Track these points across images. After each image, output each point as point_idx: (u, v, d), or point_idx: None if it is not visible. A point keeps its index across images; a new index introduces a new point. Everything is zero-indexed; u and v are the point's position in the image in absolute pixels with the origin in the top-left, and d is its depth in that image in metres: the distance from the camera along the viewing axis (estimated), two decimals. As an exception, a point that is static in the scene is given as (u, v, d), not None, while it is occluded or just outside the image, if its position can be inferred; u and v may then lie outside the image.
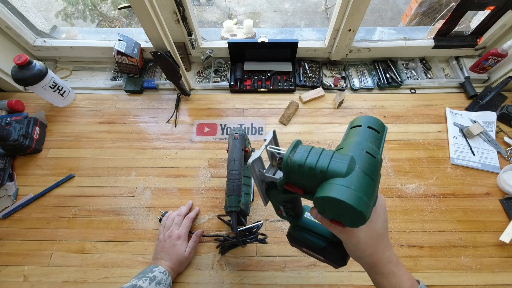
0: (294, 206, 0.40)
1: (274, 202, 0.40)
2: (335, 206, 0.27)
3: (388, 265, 0.34)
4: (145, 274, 0.54)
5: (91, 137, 0.81)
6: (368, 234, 0.33)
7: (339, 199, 0.26)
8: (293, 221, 0.43)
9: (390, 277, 0.34)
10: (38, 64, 0.75)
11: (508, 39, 0.80)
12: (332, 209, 0.29)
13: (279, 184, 0.33)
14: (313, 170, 0.29)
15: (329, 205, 0.28)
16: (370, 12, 2.98)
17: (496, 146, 0.77)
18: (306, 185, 0.31)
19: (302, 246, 0.43)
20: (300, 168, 0.29)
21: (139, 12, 0.60)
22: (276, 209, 0.42)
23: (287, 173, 0.31)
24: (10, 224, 0.69)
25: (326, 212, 0.30)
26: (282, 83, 0.90)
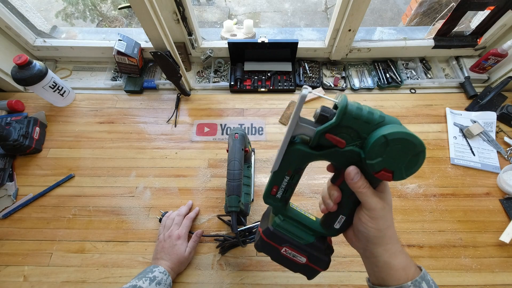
0: (297, 181, 0.36)
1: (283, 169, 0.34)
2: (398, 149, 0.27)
3: (397, 240, 0.34)
4: (145, 274, 0.54)
5: (91, 137, 0.81)
6: (384, 206, 0.32)
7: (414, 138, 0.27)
8: (281, 208, 0.38)
9: (399, 255, 0.33)
10: (38, 64, 0.75)
11: (508, 39, 0.80)
12: (391, 153, 0.28)
13: (318, 133, 0.30)
14: (372, 114, 0.29)
15: (391, 148, 0.27)
16: (370, 12, 2.98)
17: (496, 146, 0.77)
18: (354, 133, 0.29)
19: (284, 245, 0.37)
20: (358, 111, 0.28)
21: (139, 12, 0.60)
22: (272, 185, 0.36)
23: (342, 114, 0.28)
24: (10, 224, 0.69)
25: (382, 159, 0.28)
26: (282, 83, 0.90)
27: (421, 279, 0.32)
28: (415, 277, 0.32)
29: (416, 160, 0.29)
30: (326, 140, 0.30)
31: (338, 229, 0.37)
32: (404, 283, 0.32)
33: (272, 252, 0.39)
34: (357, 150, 0.30)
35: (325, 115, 0.30)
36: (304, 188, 0.72)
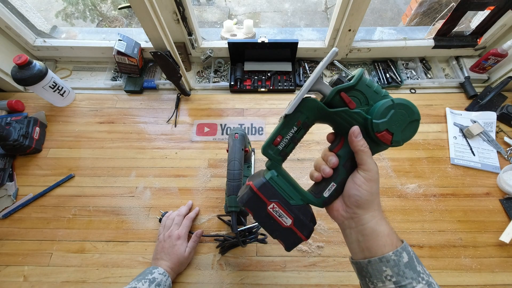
0: (301, 136, 0.38)
1: (295, 117, 0.36)
2: (401, 113, 0.33)
3: (381, 209, 0.36)
4: (145, 276, 0.54)
5: (91, 137, 0.81)
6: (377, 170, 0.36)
7: (414, 106, 0.33)
8: (278, 162, 0.38)
9: (384, 222, 0.35)
10: (38, 64, 0.75)
11: (508, 39, 0.80)
12: (394, 116, 0.33)
13: (335, 90, 0.34)
14: (380, 87, 0.34)
15: (395, 111, 0.33)
16: (370, 12, 2.98)
17: (496, 146, 0.77)
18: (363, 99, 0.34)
19: (273, 200, 0.36)
20: (371, 81, 0.34)
21: (139, 12, 0.60)
22: (277, 134, 0.37)
23: (359, 79, 0.33)
24: (10, 224, 0.69)
25: (386, 119, 0.33)
26: (282, 83, 0.90)
27: (402, 249, 0.33)
28: (397, 247, 0.33)
29: (412, 127, 0.33)
30: (339, 99, 0.34)
31: (327, 198, 0.37)
32: (388, 251, 0.33)
33: (258, 208, 0.37)
34: (364, 114, 0.34)
35: (341, 80, 0.35)
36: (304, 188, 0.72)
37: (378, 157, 0.76)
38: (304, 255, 0.64)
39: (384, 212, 0.69)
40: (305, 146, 0.79)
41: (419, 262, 0.33)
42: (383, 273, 0.33)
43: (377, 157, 0.76)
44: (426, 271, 0.33)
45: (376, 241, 0.34)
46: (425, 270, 0.33)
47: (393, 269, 0.32)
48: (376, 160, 0.74)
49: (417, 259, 0.34)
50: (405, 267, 0.32)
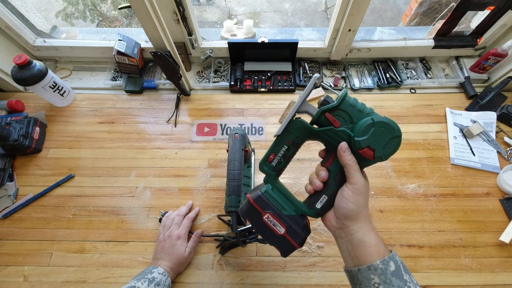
0: (292, 154, 0.41)
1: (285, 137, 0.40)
2: (381, 131, 0.35)
3: (370, 220, 0.38)
4: (144, 275, 0.54)
5: (91, 137, 0.81)
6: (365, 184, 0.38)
7: (394, 123, 0.35)
8: (273, 177, 0.42)
9: (372, 233, 0.37)
10: (38, 64, 0.75)
11: (508, 39, 0.80)
12: (375, 133, 0.35)
13: (320, 111, 0.37)
14: (364, 106, 0.37)
15: (375, 129, 0.35)
16: (370, 12, 2.98)
17: (496, 146, 0.77)
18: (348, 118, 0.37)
19: (267, 211, 0.40)
20: (354, 100, 0.36)
21: (139, 12, 0.60)
22: (270, 152, 0.41)
23: (342, 99, 0.36)
24: (10, 224, 0.69)
25: (367, 137, 0.35)
26: (282, 83, 0.90)
27: (389, 258, 0.34)
28: (385, 256, 0.35)
29: (393, 143, 0.36)
30: (325, 119, 0.37)
31: (319, 209, 0.40)
32: (375, 260, 0.34)
33: (254, 217, 0.41)
34: (348, 132, 0.36)
35: (327, 101, 0.37)
36: (304, 188, 0.72)
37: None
38: (304, 255, 0.64)
39: (384, 212, 0.69)
40: (305, 146, 0.79)
41: (406, 271, 0.35)
42: (371, 281, 0.34)
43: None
44: (413, 280, 0.34)
45: (363, 250, 0.36)
46: (412, 280, 0.34)
47: (381, 277, 0.34)
48: (376, 160, 0.73)
49: (405, 268, 0.35)
50: (392, 275, 0.33)
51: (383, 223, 0.68)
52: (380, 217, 0.68)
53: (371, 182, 0.73)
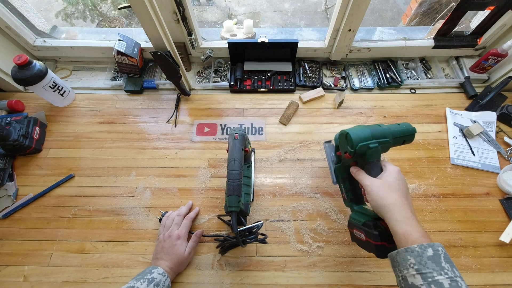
0: (350, 185, 0.57)
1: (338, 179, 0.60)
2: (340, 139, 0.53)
3: (401, 211, 0.42)
4: (144, 275, 0.54)
5: (91, 137, 0.81)
6: (380, 183, 0.46)
7: (347, 131, 0.49)
8: (351, 205, 0.56)
9: (402, 223, 0.41)
10: (38, 64, 0.75)
11: (508, 39, 0.80)
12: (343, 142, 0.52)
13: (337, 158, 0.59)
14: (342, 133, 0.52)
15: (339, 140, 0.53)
16: (370, 12, 2.98)
17: (496, 146, 0.77)
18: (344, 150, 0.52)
19: (352, 228, 0.51)
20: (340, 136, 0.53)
21: (139, 12, 0.60)
22: (342, 192, 0.59)
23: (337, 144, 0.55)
24: (10, 224, 0.69)
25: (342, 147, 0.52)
26: (282, 83, 0.90)
27: (428, 245, 0.38)
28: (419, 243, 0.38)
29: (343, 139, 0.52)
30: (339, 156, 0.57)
31: None
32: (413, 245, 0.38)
33: (352, 236, 0.53)
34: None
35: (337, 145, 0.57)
36: (304, 188, 0.72)
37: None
38: (304, 255, 0.64)
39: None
40: (305, 146, 0.79)
41: (448, 261, 0.37)
42: (407, 261, 0.38)
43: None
44: (455, 271, 0.36)
45: (396, 239, 0.41)
46: (454, 270, 0.36)
47: (416, 259, 0.37)
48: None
49: (447, 259, 0.37)
50: (428, 259, 0.36)
51: (383, 223, 0.68)
52: (380, 217, 0.68)
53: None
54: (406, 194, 0.46)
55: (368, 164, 0.49)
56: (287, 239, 0.66)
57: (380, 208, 0.44)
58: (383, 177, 0.47)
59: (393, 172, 0.47)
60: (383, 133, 0.49)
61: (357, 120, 0.83)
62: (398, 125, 0.52)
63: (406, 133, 0.52)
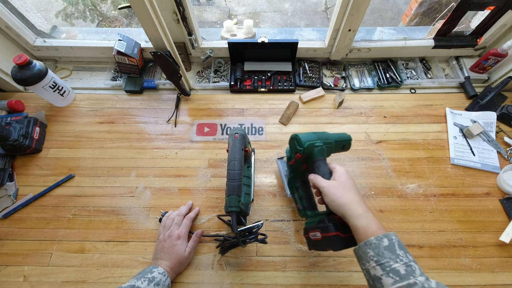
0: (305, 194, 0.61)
1: (292, 190, 0.64)
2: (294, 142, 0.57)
3: (359, 208, 0.45)
4: (144, 274, 0.54)
5: (91, 137, 0.81)
6: (335, 183, 0.49)
7: (296, 134, 0.56)
8: (305, 213, 0.59)
9: (361, 218, 0.44)
10: (38, 64, 0.75)
11: (508, 39, 0.80)
12: (293, 145, 0.57)
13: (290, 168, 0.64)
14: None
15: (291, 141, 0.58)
16: (370, 12, 2.98)
17: (496, 146, 0.77)
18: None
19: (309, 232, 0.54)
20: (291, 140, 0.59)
21: (139, 12, 0.60)
22: (295, 203, 0.63)
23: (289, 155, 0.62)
24: (10, 224, 0.69)
25: (292, 150, 0.57)
26: (282, 83, 0.90)
27: (383, 236, 0.41)
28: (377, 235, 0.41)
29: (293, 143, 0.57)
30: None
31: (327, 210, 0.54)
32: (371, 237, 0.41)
33: (309, 242, 0.55)
34: None
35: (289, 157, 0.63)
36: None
37: (378, 157, 0.76)
38: (304, 255, 0.64)
39: (384, 212, 0.69)
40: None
41: (401, 248, 0.40)
42: (368, 254, 0.40)
43: (377, 157, 0.76)
44: (409, 257, 0.39)
45: (356, 234, 0.44)
46: (407, 256, 0.39)
47: (374, 251, 0.40)
48: (376, 160, 0.74)
49: (401, 246, 0.40)
50: (385, 249, 0.39)
51: (383, 223, 0.67)
52: (380, 217, 0.68)
53: (371, 182, 0.74)
54: (359, 191, 0.49)
55: (316, 162, 0.54)
56: (287, 239, 0.66)
57: (339, 207, 0.46)
58: (335, 178, 0.50)
59: (343, 173, 0.51)
60: (326, 136, 0.58)
61: (357, 120, 0.83)
62: (339, 134, 0.61)
63: (344, 139, 0.60)
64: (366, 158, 0.76)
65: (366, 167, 0.75)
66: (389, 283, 0.37)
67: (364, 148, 0.78)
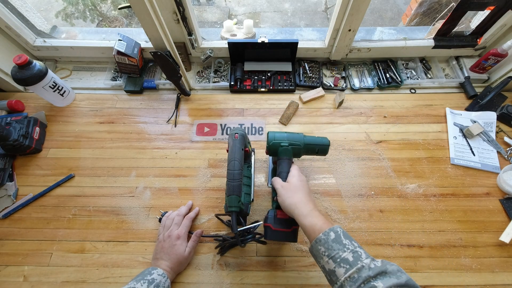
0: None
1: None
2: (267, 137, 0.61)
3: (306, 207, 0.48)
4: (144, 276, 0.54)
5: (91, 137, 0.81)
6: (287, 185, 0.54)
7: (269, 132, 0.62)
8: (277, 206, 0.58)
9: (308, 216, 0.47)
10: (38, 64, 0.75)
11: (508, 39, 0.80)
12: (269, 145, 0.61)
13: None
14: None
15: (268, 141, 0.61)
16: (370, 12, 2.98)
17: (496, 146, 0.77)
18: None
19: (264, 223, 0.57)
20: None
21: (139, 12, 0.60)
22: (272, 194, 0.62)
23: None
24: (10, 224, 0.69)
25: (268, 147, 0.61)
26: (282, 83, 0.90)
27: (329, 230, 0.43)
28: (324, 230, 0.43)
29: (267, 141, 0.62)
30: None
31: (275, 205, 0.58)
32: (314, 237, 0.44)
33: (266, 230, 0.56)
34: None
35: None
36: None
37: (378, 157, 0.76)
38: (304, 255, 0.64)
39: (384, 212, 0.69)
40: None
41: (347, 238, 0.43)
42: (320, 251, 0.43)
43: (377, 157, 0.76)
44: (354, 243, 0.42)
45: (305, 232, 0.47)
46: (353, 243, 0.42)
47: (324, 246, 0.42)
48: (376, 160, 0.74)
49: (346, 236, 0.43)
50: (333, 242, 0.42)
51: (383, 223, 0.68)
52: (380, 217, 0.68)
53: (371, 182, 0.74)
54: (308, 191, 0.53)
55: (279, 159, 0.60)
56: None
57: (288, 207, 0.50)
58: (288, 179, 0.55)
59: (296, 175, 0.55)
60: (297, 139, 0.61)
61: (357, 120, 0.83)
62: (316, 137, 0.63)
63: (319, 143, 0.62)
64: (366, 158, 0.76)
65: (366, 167, 0.75)
66: (342, 273, 0.39)
67: (364, 148, 0.78)
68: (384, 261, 0.39)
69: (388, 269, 0.37)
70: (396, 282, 0.35)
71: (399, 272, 0.38)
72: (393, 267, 0.38)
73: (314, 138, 0.63)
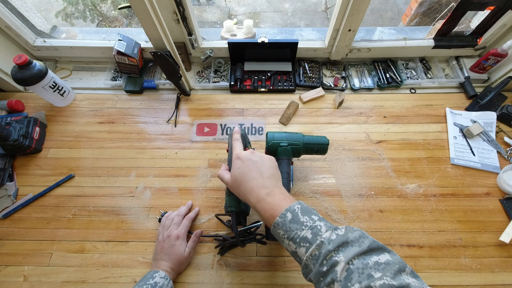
0: None
1: None
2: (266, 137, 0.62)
3: (252, 197, 0.44)
4: (146, 281, 0.53)
5: (91, 137, 0.81)
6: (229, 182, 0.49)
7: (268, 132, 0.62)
8: None
9: (267, 198, 0.43)
10: (38, 64, 0.75)
11: (508, 39, 0.80)
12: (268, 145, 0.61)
13: None
14: None
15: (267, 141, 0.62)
16: (370, 12, 2.98)
17: (496, 146, 0.77)
18: None
19: None
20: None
21: (139, 12, 0.60)
22: None
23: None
24: (10, 224, 0.69)
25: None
26: (282, 83, 0.90)
27: (286, 211, 0.40)
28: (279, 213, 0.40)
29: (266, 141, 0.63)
30: None
31: None
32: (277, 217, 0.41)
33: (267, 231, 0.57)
34: None
35: None
36: (304, 188, 0.72)
37: (378, 157, 0.76)
38: (304, 255, 0.64)
39: (384, 212, 0.69)
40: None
41: (305, 214, 0.40)
42: (280, 235, 0.40)
43: (377, 157, 0.76)
44: (314, 217, 0.39)
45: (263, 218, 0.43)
46: (312, 217, 0.39)
47: (283, 228, 0.40)
48: (376, 160, 0.74)
49: (304, 211, 0.40)
50: (290, 222, 0.39)
51: (383, 223, 0.68)
52: (380, 217, 0.68)
53: (371, 182, 0.74)
54: (251, 176, 0.46)
55: (279, 160, 0.59)
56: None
57: (245, 193, 0.46)
58: (230, 173, 0.50)
59: (235, 164, 0.49)
60: (296, 139, 0.61)
61: (357, 120, 0.83)
62: (315, 136, 0.63)
63: (319, 142, 0.61)
64: (366, 158, 0.76)
65: (366, 167, 0.75)
66: (303, 253, 0.37)
67: (364, 148, 0.78)
68: (348, 228, 0.37)
69: (350, 238, 0.35)
70: (358, 251, 0.34)
71: (361, 238, 0.35)
72: (355, 234, 0.36)
73: (313, 137, 0.63)
